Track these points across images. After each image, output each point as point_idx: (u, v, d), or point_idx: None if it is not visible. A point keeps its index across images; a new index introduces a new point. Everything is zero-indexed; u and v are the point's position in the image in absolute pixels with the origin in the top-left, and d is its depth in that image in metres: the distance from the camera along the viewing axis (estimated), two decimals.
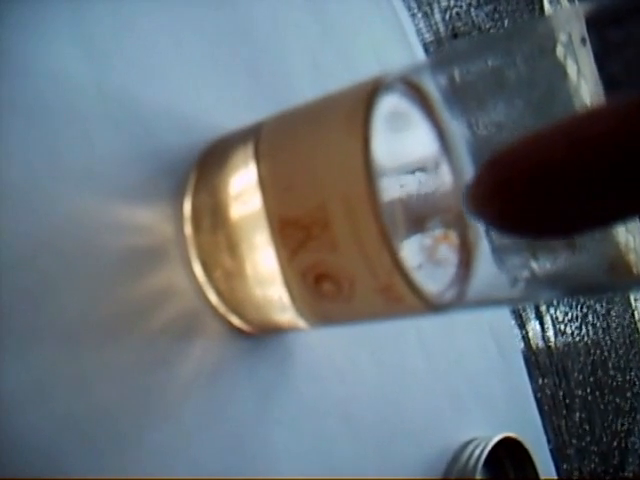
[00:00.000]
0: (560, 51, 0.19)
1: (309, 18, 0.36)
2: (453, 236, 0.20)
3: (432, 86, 0.22)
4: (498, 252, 0.20)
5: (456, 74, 0.22)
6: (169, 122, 0.25)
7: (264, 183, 0.21)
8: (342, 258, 0.20)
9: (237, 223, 0.22)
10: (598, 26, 0.18)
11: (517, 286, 0.20)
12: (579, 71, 0.19)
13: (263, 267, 0.22)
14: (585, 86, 0.19)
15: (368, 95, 0.21)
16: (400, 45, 0.46)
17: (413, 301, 0.21)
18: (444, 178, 0.20)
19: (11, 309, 0.18)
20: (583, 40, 0.18)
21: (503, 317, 0.56)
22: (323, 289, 0.21)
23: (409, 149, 0.21)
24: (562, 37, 0.19)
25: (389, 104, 0.21)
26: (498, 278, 0.20)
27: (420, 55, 0.47)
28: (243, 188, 0.23)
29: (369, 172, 0.19)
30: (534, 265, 0.19)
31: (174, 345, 0.23)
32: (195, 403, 0.23)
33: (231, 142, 0.24)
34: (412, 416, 0.36)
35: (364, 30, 0.42)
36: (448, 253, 0.20)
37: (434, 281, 0.21)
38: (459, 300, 0.21)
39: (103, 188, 0.22)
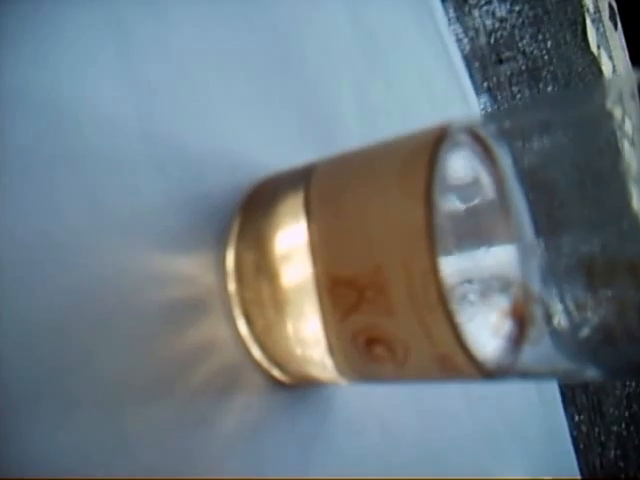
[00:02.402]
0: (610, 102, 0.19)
1: (358, 50, 0.35)
2: (518, 308, 0.19)
3: (493, 138, 0.21)
4: (559, 336, 0.18)
5: (509, 125, 0.21)
6: (214, 163, 0.24)
7: (315, 240, 0.20)
8: (398, 324, 0.19)
9: (283, 279, 0.21)
10: None
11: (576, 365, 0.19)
12: (624, 112, 0.19)
13: (308, 326, 0.21)
14: (629, 123, 0.18)
15: (430, 150, 0.20)
16: (447, 74, 0.44)
17: (470, 371, 0.19)
18: (507, 245, 0.19)
19: (49, 372, 0.17)
20: (633, 96, 0.18)
21: None
22: (374, 353, 0.20)
23: (472, 212, 0.20)
24: (614, 92, 0.20)
25: (451, 159, 0.20)
26: (553, 353, 0.19)
27: (467, 84, 0.46)
28: (291, 243, 0.21)
29: (431, 239, 0.18)
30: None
31: (216, 400, 0.22)
32: (237, 457, 0.22)
33: (278, 189, 0.23)
34: (452, 460, 0.35)
35: (412, 60, 0.40)
36: (510, 325, 0.19)
37: (491, 351, 0.20)
38: (515, 370, 0.20)
39: (146, 238, 0.21)
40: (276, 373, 0.24)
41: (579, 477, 0.51)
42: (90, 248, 0.19)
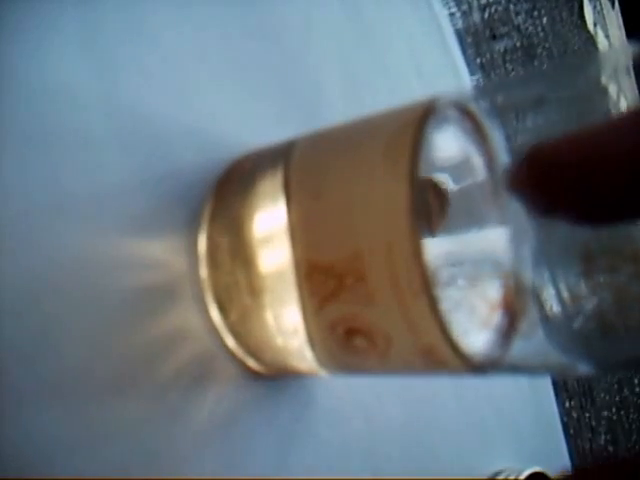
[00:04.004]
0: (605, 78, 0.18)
1: (344, 22, 0.33)
2: (509, 298, 0.17)
3: (485, 115, 0.19)
4: (549, 322, 0.17)
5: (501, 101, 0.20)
6: (185, 139, 0.22)
7: (293, 223, 0.19)
8: (378, 313, 0.18)
9: (260, 265, 0.20)
10: None
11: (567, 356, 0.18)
12: (620, 89, 0.17)
13: (287, 315, 0.20)
14: (625, 102, 0.17)
15: (415, 127, 0.18)
16: (438, 49, 0.43)
17: (456, 364, 0.18)
18: (498, 228, 0.18)
19: (6, 363, 0.16)
20: (628, 70, 0.17)
21: None
22: (354, 344, 0.19)
23: (460, 192, 0.18)
24: (608, 67, 0.19)
25: (439, 137, 0.19)
26: (545, 345, 0.18)
27: (459, 60, 0.44)
28: (269, 226, 0.20)
29: (416, 221, 0.17)
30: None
31: (186, 393, 0.20)
32: (209, 454, 0.21)
33: (255, 168, 0.22)
34: (440, 450, 0.34)
35: (401, 33, 0.39)
36: (499, 315, 0.18)
37: (479, 344, 0.18)
38: (504, 364, 0.19)
39: (110, 220, 0.19)
40: (251, 363, 0.22)
41: (569, 462, 0.51)
42: (49, 230, 0.18)
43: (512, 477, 0.40)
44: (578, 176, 0.13)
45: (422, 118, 0.18)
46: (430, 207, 0.18)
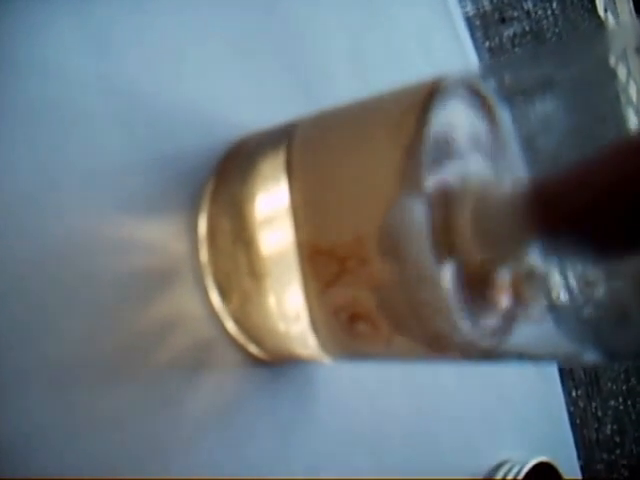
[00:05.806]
0: (613, 59, 0.18)
1: (351, 1, 0.32)
2: (517, 282, 0.17)
3: (494, 95, 0.19)
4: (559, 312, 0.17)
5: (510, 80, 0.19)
6: (186, 119, 0.22)
7: (296, 205, 0.18)
8: (382, 298, 0.17)
9: (262, 247, 0.19)
10: None
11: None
12: (629, 73, 0.17)
13: (289, 299, 0.19)
14: (634, 86, 0.17)
15: (421, 107, 0.17)
16: (446, 31, 0.42)
17: (462, 351, 0.18)
18: None
19: None
20: (637, 50, 0.17)
21: None
22: (358, 329, 0.18)
23: (469, 174, 0.17)
24: (617, 46, 0.18)
25: (446, 117, 0.18)
26: (554, 333, 0.17)
27: (467, 44, 0.43)
28: (271, 208, 0.19)
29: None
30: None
31: (185, 379, 0.20)
32: (209, 443, 0.20)
33: (257, 149, 0.21)
34: (445, 439, 0.34)
35: (409, 14, 0.38)
36: (507, 301, 0.17)
37: (486, 329, 0.18)
38: (511, 352, 0.18)
39: (107, 201, 0.19)
40: (253, 349, 0.22)
41: (575, 453, 0.50)
42: (45, 210, 0.18)
43: (517, 467, 0.39)
44: (589, 209, 0.13)
45: (428, 98, 0.18)
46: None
